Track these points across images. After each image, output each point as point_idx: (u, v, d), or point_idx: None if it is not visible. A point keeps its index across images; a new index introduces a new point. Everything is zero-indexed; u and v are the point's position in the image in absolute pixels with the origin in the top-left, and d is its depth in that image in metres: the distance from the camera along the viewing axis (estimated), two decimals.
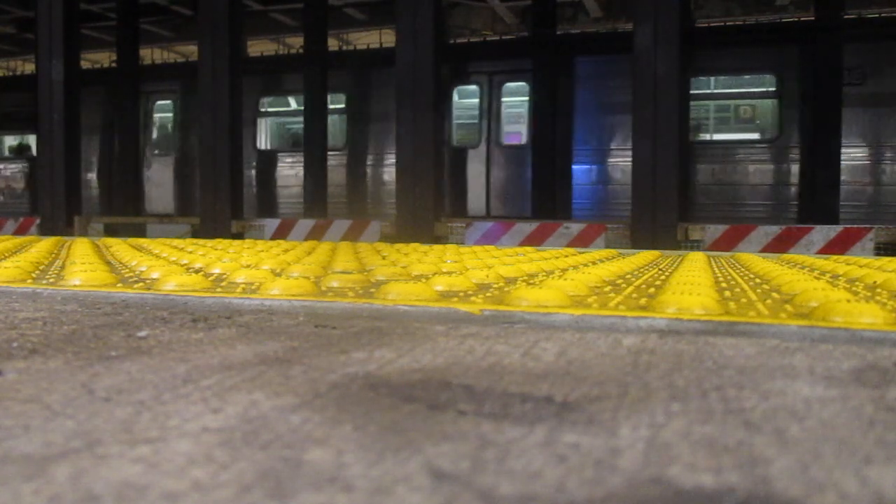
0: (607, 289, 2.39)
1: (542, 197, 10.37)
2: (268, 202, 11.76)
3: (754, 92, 10.00)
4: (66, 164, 8.93)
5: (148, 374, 1.11)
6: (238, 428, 0.84)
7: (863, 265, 3.38)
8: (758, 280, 2.81)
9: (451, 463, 0.73)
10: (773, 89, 9.63)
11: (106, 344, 1.37)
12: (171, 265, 2.94)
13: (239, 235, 8.27)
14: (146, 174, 12.52)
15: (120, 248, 4.54)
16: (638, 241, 6.62)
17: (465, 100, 11.16)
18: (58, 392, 1.00)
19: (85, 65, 13.19)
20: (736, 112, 10.27)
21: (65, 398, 0.97)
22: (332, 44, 13.04)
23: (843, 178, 9.18)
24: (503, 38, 11.79)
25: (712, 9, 11.53)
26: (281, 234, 8.43)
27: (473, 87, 10.99)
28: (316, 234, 8.24)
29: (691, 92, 9.07)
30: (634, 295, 2.21)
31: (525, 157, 10.59)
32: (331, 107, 11.23)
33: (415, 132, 7.26)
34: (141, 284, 2.39)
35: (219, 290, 2.23)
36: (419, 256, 3.89)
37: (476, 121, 10.91)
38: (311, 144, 10.99)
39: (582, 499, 0.64)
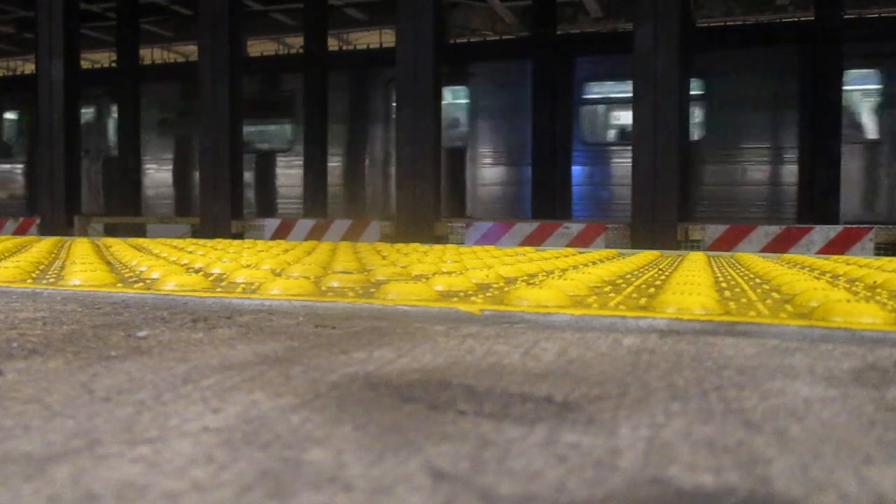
0: (607, 289, 2.39)
1: None
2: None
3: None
4: (66, 164, 8.92)
5: (148, 374, 1.11)
6: (238, 428, 0.84)
7: (863, 265, 3.38)
8: (758, 280, 2.81)
9: (451, 463, 0.73)
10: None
11: (106, 344, 1.37)
12: (171, 265, 2.94)
13: (239, 235, 8.27)
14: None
15: (120, 248, 4.54)
16: (638, 241, 6.62)
17: None
18: (58, 392, 1.00)
19: (85, 65, 13.22)
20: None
21: (65, 398, 0.97)
22: (332, 44, 13.05)
23: None
24: None
25: (712, 9, 11.53)
26: (281, 234, 8.44)
27: None
28: (316, 234, 8.25)
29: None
30: (634, 295, 2.21)
31: None
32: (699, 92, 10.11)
33: (415, 132, 7.27)
34: (141, 284, 2.39)
35: (219, 290, 2.23)
36: (419, 256, 3.89)
37: None
38: (312, 144, 10.99)
39: (582, 499, 0.64)
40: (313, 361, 1.22)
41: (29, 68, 15.09)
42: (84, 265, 2.84)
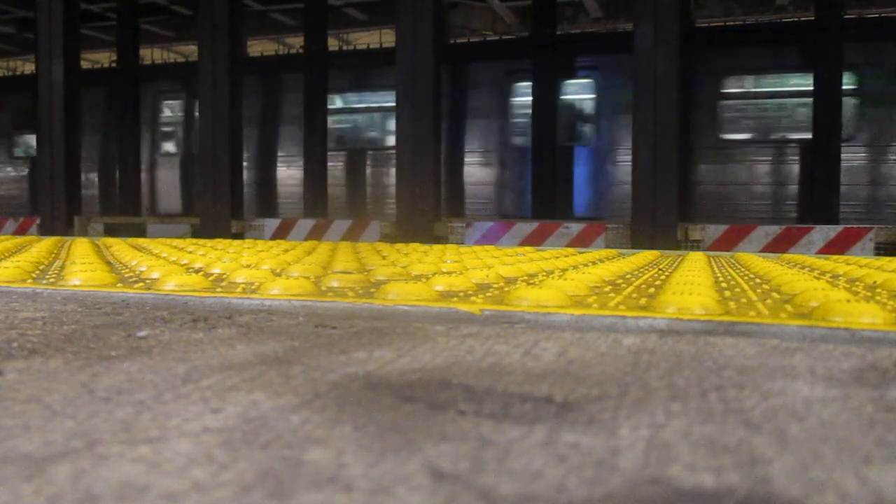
0: (607, 289, 2.39)
1: None
2: None
3: None
4: (66, 164, 8.93)
5: (148, 374, 1.11)
6: (238, 428, 0.84)
7: (863, 265, 3.38)
8: (758, 280, 2.81)
9: (451, 463, 0.73)
10: None
11: (106, 344, 1.37)
12: (171, 265, 2.94)
13: (239, 235, 8.28)
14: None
15: (120, 248, 4.54)
16: (638, 241, 6.62)
17: None
18: (58, 392, 1.00)
19: (85, 65, 13.25)
20: None
21: (65, 398, 0.97)
22: (332, 44, 13.06)
23: None
24: None
25: (712, 9, 11.53)
26: (281, 234, 8.44)
27: None
28: (316, 234, 8.25)
29: None
30: (634, 295, 2.21)
31: None
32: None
33: (415, 132, 7.27)
34: (141, 284, 2.39)
35: (219, 290, 2.23)
36: (419, 256, 3.89)
37: None
38: (311, 144, 10.99)
39: (582, 499, 0.64)
40: (313, 361, 1.22)
41: (29, 68, 15.10)
42: (84, 265, 2.84)
